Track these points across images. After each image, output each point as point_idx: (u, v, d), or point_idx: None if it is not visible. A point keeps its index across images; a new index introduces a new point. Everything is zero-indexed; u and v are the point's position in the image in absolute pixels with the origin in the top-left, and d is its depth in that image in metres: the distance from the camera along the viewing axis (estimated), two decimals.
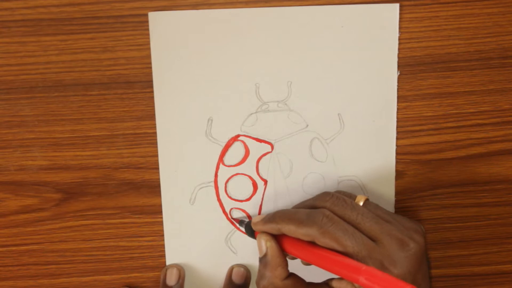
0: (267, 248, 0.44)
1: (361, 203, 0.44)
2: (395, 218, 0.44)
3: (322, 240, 0.41)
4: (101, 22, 0.45)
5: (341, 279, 0.42)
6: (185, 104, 0.48)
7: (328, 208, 0.42)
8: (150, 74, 0.47)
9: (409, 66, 0.48)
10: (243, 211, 0.50)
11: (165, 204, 0.49)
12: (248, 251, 0.51)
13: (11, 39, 0.45)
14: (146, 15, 0.45)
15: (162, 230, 0.50)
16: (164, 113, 0.48)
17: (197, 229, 0.50)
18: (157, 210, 0.50)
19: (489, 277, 0.53)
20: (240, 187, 0.49)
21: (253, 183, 0.49)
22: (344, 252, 0.40)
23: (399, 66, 0.48)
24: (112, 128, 0.48)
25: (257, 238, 0.45)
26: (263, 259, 0.44)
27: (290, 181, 0.49)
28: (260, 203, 0.50)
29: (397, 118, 0.49)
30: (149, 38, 0.46)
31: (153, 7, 0.45)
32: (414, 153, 0.50)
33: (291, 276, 0.44)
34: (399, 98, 0.49)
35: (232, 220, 0.50)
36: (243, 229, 0.49)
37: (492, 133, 0.50)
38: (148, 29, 0.46)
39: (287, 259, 0.45)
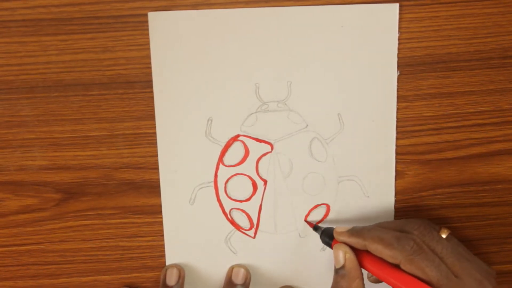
0: (345, 259, 0.45)
1: (444, 236, 0.45)
2: (473, 258, 0.45)
3: (408, 266, 0.42)
4: (101, 22, 0.45)
5: None
6: (185, 104, 0.48)
7: (416, 235, 0.44)
8: (150, 74, 0.47)
9: (409, 66, 0.48)
10: (243, 211, 0.50)
11: (165, 204, 0.49)
12: (248, 251, 0.51)
13: (11, 39, 0.45)
14: (146, 15, 0.45)
15: (162, 230, 0.50)
16: (164, 113, 0.48)
17: (197, 229, 0.50)
18: (157, 210, 0.50)
19: None
20: (240, 187, 0.49)
21: (252, 183, 0.49)
22: (427, 281, 0.42)
23: (399, 66, 0.48)
24: (112, 128, 0.48)
25: (334, 248, 0.46)
26: (340, 270, 0.45)
27: (290, 181, 0.49)
28: (260, 203, 0.50)
29: (397, 118, 0.49)
30: (149, 38, 0.46)
31: (153, 7, 0.45)
32: (414, 153, 0.50)
33: None
34: (399, 98, 0.49)
35: (307, 222, 0.50)
36: (317, 233, 0.49)
37: (492, 133, 0.50)
38: (148, 29, 0.46)
39: None
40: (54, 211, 0.49)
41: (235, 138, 0.49)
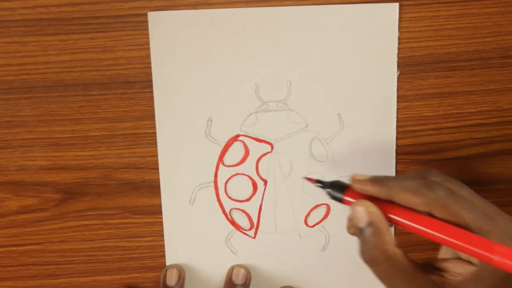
0: (371, 214, 0.40)
1: None
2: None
3: (442, 212, 0.39)
4: (101, 22, 0.46)
5: (447, 259, 0.41)
6: (185, 104, 0.48)
7: (441, 181, 0.40)
8: (150, 74, 0.47)
9: (409, 66, 0.48)
10: (243, 211, 0.50)
11: (165, 204, 0.49)
12: (248, 252, 0.51)
13: (11, 39, 0.45)
14: (146, 15, 0.46)
15: (162, 231, 0.50)
16: (164, 113, 0.48)
17: (197, 230, 0.50)
18: (157, 210, 0.50)
19: None
20: (240, 187, 0.49)
21: (253, 183, 0.49)
22: (464, 226, 0.38)
23: (399, 66, 0.48)
24: (112, 128, 0.48)
25: (355, 204, 0.40)
26: (366, 229, 0.40)
27: (290, 181, 0.49)
28: (260, 203, 0.50)
29: (397, 118, 0.49)
30: (149, 38, 0.46)
31: (153, 7, 0.46)
32: (414, 153, 0.50)
33: (397, 247, 0.40)
34: (399, 98, 0.49)
35: (307, 178, 0.45)
36: (317, 186, 0.44)
37: (492, 133, 0.50)
38: (148, 29, 0.46)
39: None
40: (54, 211, 0.49)
41: (235, 138, 0.49)
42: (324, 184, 0.43)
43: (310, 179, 0.45)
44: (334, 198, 0.43)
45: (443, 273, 0.40)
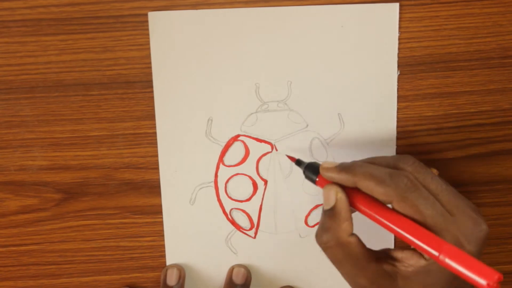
0: (336, 200, 0.41)
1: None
2: (464, 197, 0.42)
3: (402, 204, 0.39)
4: (101, 22, 0.45)
5: (403, 248, 0.41)
6: (185, 104, 0.48)
7: (410, 172, 0.40)
8: (150, 74, 0.47)
9: (409, 66, 0.48)
10: (243, 211, 0.50)
11: (165, 204, 0.49)
12: (249, 252, 0.51)
13: (11, 39, 0.45)
14: (146, 15, 0.46)
15: (162, 230, 0.50)
16: (164, 113, 0.48)
17: (197, 229, 0.50)
18: (157, 210, 0.50)
19: None
20: (240, 187, 0.49)
21: (253, 183, 0.49)
22: (422, 221, 0.38)
23: (399, 66, 0.48)
24: (112, 128, 0.48)
25: (325, 188, 0.42)
26: (329, 212, 0.41)
27: (290, 181, 0.49)
28: (260, 203, 0.50)
29: (397, 118, 0.49)
30: (149, 38, 0.46)
31: (153, 7, 0.45)
32: (414, 153, 0.50)
33: (354, 235, 0.41)
34: (399, 98, 0.49)
35: (289, 156, 0.47)
36: (300, 168, 0.45)
37: (492, 133, 0.50)
38: (148, 29, 0.46)
39: None
40: (54, 211, 0.49)
41: (235, 138, 0.49)
42: (301, 164, 0.45)
43: (291, 158, 0.46)
44: (309, 178, 0.44)
45: (396, 263, 0.41)
